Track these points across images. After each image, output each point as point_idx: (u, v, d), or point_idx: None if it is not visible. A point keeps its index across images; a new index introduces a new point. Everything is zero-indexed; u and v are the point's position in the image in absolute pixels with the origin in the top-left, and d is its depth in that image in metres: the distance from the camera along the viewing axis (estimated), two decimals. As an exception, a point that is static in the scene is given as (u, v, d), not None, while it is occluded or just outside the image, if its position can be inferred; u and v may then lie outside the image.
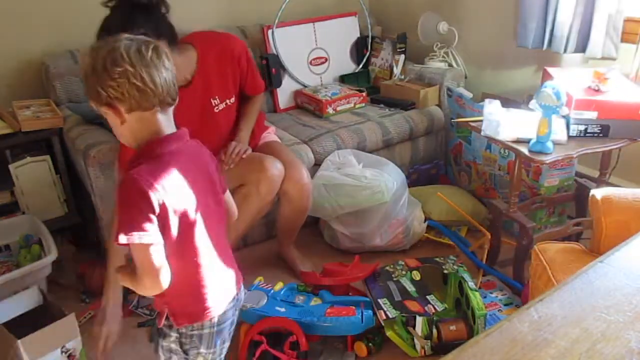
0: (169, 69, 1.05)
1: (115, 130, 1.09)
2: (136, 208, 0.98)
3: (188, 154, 1.10)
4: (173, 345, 1.19)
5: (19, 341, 1.47)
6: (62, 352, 1.57)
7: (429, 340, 1.72)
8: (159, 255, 1.01)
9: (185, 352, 1.19)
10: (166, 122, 1.08)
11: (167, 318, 1.16)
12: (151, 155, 1.04)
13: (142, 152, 1.06)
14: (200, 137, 1.92)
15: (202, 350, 1.18)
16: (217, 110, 1.93)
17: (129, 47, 1.01)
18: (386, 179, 2.21)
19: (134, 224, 0.97)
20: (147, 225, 0.98)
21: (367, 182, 2.18)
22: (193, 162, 1.11)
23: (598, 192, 1.55)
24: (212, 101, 1.91)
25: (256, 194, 1.84)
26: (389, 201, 2.18)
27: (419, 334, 1.72)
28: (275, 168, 1.85)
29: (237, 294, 1.22)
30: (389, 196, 2.17)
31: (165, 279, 1.03)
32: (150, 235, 0.99)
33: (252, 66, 2.00)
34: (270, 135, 2.22)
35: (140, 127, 1.05)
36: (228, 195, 1.26)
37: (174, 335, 1.17)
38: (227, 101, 1.94)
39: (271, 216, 2.19)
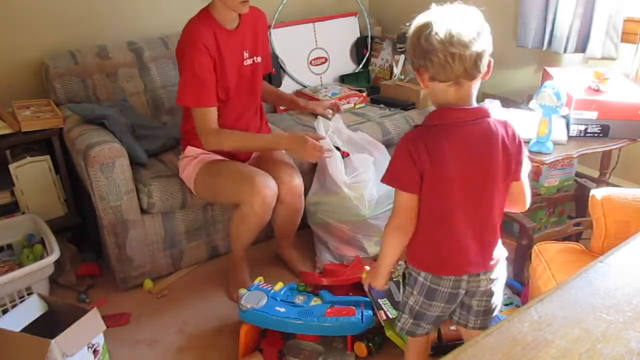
0: (474, 50, 1.18)
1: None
2: (398, 160, 1.20)
3: (463, 130, 1.19)
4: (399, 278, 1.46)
5: (52, 341, 1.41)
6: (88, 347, 1.55)
7: (429, 340, 1.72)
8: (404, 200, 1.20)
9: (404, 285, 1.40)
10: (457, 95, 1.18)
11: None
12: (429, 123, 1.21)
13: (428, 117, 1.22)
14: (236, 87, 2.01)
15: (415, 292, 1.33)
16: (245, 64, 1.98)
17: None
18: (369, 188, 2.07)
19: (393, 172, 1.21)
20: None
21: (348, 192, 2.06)
22: (465, 139, 1.19)
23: (598, 192, 1.55)
24: (244, 53, 1.97)
25: (253, 214, 1.87)
26: (368, 216, 2.06)
27: (419, 334, 1.71)
28: (267, 188, 1.86)
29: (475, 273, 1.26)
30: (369, 211, 2.05)
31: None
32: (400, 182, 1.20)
33: (267, 41, 2.14)
34: None
35: (435, 95, 1.20)
36: (520, 183, 1.28)
37: (401, 268, 1.45)
38: (255, 58, 2.01)
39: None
